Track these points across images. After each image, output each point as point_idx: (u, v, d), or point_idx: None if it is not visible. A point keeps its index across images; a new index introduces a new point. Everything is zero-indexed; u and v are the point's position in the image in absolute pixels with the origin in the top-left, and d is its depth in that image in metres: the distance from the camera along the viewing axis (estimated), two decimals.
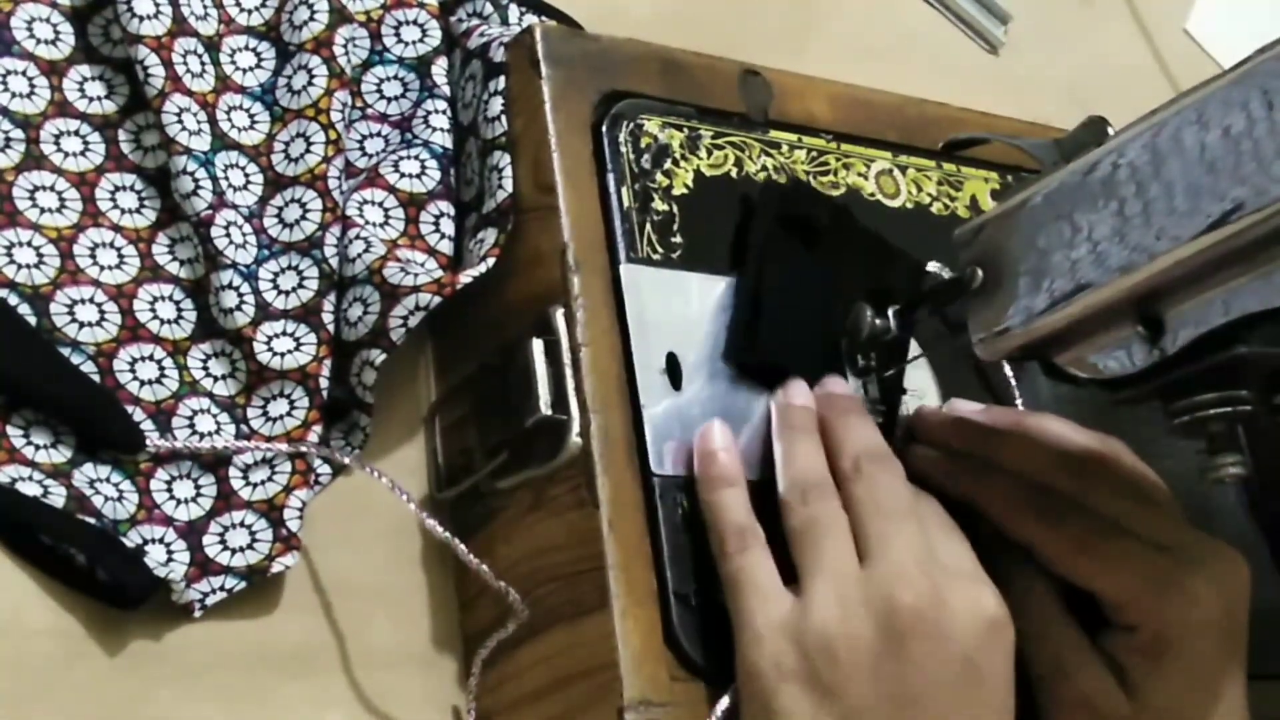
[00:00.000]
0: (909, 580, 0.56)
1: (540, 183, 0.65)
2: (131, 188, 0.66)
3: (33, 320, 0.61)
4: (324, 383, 0.64)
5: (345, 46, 0.68)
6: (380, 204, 0.68)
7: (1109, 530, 0.62)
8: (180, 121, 0.65)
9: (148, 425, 0.62)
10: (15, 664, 0.57)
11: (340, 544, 0.65)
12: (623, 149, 0.66)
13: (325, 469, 0.65)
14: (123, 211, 0.65)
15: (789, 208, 0.68)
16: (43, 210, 0.63)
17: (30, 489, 0.57)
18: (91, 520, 0.58)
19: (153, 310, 0.64)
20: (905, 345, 0.68)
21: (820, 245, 0.67)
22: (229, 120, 0.67)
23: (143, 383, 0.63)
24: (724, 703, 0.59)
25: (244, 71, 0.69)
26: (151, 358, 0.63)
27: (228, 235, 0.64)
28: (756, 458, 0.63)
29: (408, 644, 0.65)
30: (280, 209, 0.66)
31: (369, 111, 0.71)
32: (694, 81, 0.71)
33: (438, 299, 0.63)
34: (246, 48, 0.69)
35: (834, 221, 0.68)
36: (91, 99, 0.66)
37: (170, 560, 0.60)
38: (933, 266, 0.71)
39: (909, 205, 0.74)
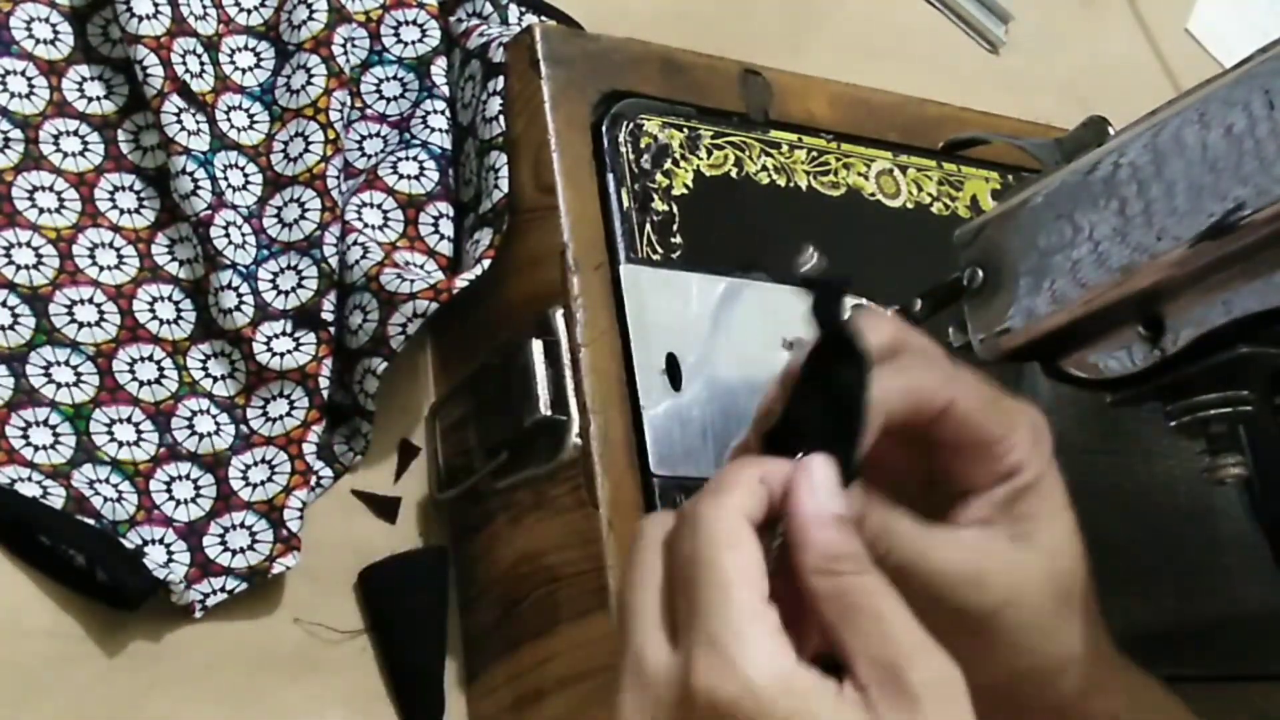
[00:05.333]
0: None
1: (540, 183, 0.65)
2: (131, 188, 0.66)
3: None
4: (324, 383, 0.64)
5: (344, 46, 0.68)
6: (379, 206, 0.68)
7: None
8: (179, 121, 0.65)
9: (147, 426, 0.62)
10: (15, 664, 0.57)
11: (340, 544, 0.65)
12: (623, 149, 0.66)
13: (325, 470, 0.65)
14: (122, 212, 0.65)
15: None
16: (42, 210, 0.63)
17: (29, 489, 0.57)
18: (91, 521, 0.58)
19: (152, 310, 0.64)
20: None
21: None
22: (228, 120, 0.67)
23: (142, 383, 0.63)
24: None
25: (243, 71, 0.69)
26: (151, 358, 0.63)
27: (227, 235, 0.64)
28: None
29: None
30: (279, 209, 0.66)
31: (368, 111, 0.71)
32: (694, 81, 0.70)
33: (434, 305, 0.63)
34: (246, 47, 0.69)
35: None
36: (90, 99, 0.66)
37: (170, 561, 0.60)
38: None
39: (909, 205, 0.74)
